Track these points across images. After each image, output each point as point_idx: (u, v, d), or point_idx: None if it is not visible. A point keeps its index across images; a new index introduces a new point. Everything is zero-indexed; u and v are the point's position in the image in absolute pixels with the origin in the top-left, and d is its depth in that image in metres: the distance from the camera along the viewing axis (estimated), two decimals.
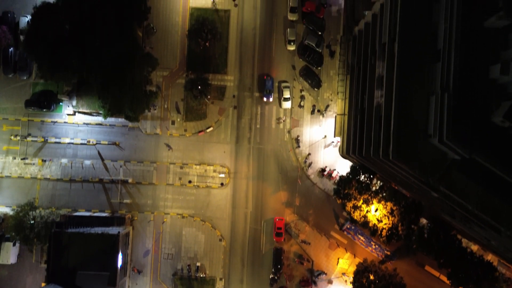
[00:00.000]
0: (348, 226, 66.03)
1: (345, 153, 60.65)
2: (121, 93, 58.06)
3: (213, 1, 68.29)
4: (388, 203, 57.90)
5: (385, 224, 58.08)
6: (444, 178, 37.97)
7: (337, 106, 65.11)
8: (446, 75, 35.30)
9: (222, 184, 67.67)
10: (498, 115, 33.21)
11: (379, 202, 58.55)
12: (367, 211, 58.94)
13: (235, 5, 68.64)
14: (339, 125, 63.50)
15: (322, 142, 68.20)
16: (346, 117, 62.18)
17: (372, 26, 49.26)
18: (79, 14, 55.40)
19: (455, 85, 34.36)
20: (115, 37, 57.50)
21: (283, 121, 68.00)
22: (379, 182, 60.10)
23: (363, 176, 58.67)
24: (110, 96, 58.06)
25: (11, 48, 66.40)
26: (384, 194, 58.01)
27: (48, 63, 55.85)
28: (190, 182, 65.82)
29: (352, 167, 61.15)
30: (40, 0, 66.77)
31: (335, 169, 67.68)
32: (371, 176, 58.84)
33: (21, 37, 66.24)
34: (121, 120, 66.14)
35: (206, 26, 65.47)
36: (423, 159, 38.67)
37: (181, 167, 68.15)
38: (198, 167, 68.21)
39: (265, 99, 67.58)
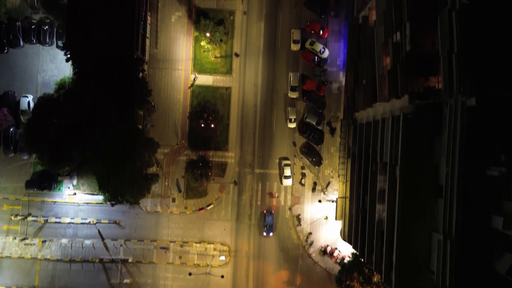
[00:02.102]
0: None
1: (347, 240, 60.39)
2: (122, 184, 57.96)
3: None
4: None
5: None
6: None
7: (338, 189, 65.03)
8: (448, 220, 35.24)
9: (223, 262, 67.48)
10: (502, 268, 33.13)
11: None
12: None
13: (236, 55, 68.47)
14: (340, 209, 63.28)
15: (323, 221, 68.06)
16: (347, 200, 62.03)
17: (373, 134, 49.25)
18: (80, 109, 55.39)
19: (457, 233, 34.30)
20: (116, 127, 57.54)
21: (277, 197, 67.94)
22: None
23: (366, 270, 58.37)
24: (111, 187, 57.95)
25: (12, 128, 66.40)
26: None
27: (49, 157, 55.78)
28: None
29: (354, 257, 60.87)
30: (40, 80, 68.17)
31: (336, 248, 67.49)
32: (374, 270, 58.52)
33: (22, 117, 66.47)
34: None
35: (207, 108, 65.58)
36: None
37: (181, 246, 67.92)
38: (198, 245, 67.99)
39: (265, 234, 67.16)
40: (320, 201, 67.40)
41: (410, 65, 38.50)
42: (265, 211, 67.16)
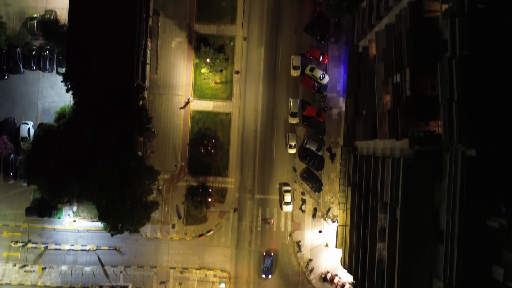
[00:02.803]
0: None
1: (347, 270, 60.33)
2: (122, 214, 57.88)
3: None
4: None
5: None
6: None
7: (339, 217, 64.97)
8: (449, 268, 35.17)
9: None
10: None
11: None
12: None
13: (237, 72, 68.47)
14: (341, 237, 63.26)
15: (323, 248, 67.95)
16: (348, 228, 61.96)
17: (374, 170, 49.22)
18: (80, 140, 55.37)
19: (458, 282, 34.22)
20: (116, 157, 57.50)
21: (272, 223, 67.83)
22: None
23: None
24: (111, 217, 57.86)
25: (12, 155, 66.36)
26: None
27: (49, 189, 55.75)
28: None
29: (354, 285, 60.72)
30: (40, 107, 68.17)
31: (336, 274, 67.35)
32: None
33: (22, 144, 66.46)
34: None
35: (207, 136, 65.60)
36: None
37: (181, 272, 67.80)
38: (198, 271, 67.88)
39: (264, 276, 66.80)
40: (320, 231, 67.28)
41: (410, 110, 38.52)
42: (264, 253, 66.77)
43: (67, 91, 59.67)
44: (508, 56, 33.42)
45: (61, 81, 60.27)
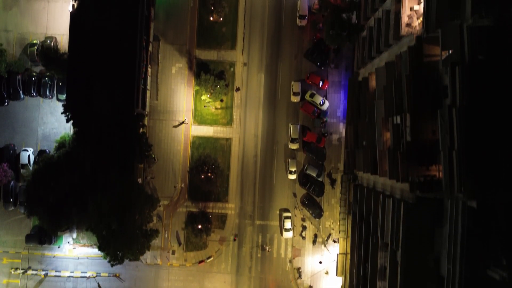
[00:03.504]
0: None
1: None
2: (122, 245, 57.79)
3: None
4: None
5: None
6: None
7: (339, 245, 64.88)
8: None
9: None
10: None
11: None
12: None
13: (237, 90, 68.49)
14: (341, 265, 63.15)
15: (323, 274, 67.84)
16: (349, 256, 61.87)
17: (374, 205, 49.18)
18: (80, 172, 55.36)
19: None
20: (116, 187, 57.45)
21: (268, 250, 67.70)
22: None
23: None
24: (112, 248, 57.77)
25: (12, 182, 66.27)
26: None
27: (49, 220, 55.72)
28: None
29: None
30: (40, 133, 68.12)
31: None
32: None
33: (22, 171, 66.41)
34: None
35: (207, 163, 65.58)
36: None
37: None
38: None
39: None
40: (321, 262, 67.16)
41: (411, 155, 38.48)
42: None
43: (67, 121, 59.66)
44: (509, 107, 33.38)
45: (61, 113, 60.21)
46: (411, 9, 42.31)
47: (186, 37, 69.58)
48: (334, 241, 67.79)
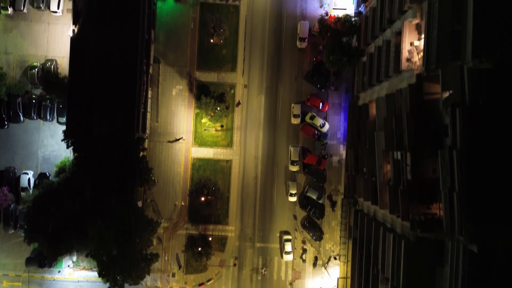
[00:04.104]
0: None
1: None
2: (122, 271, 57.70)
3: None
4: None
5: None
6: None
7: (339, 269, 64.75)
8: None
9: None
10: None
11: None
12: None
13: (238, 104, 68.37)
14: None
15: None
16: (349, 280, 61.72)
17: (375, 235, 49.08)
18: (80, 199, 55.34)
19: None
20: (117, 213, 57.39)
21: (264, 274, 67.53)
22: None
23: None
24: (112, 274, 57.66)
25: (12, 205, 66.21)
26: None
27: (49, 248, 55.67)
28: None
29: None
30: (40, 155, 68.07)
31: None
32: None
33: (22, 194, 66.35)
34: None
35: (207, 187, 65.53)
36: None
37: None
38: None
39: None
40: None
41: (411, 194, 38.40)
42: None
43: (68, 147, 59.65)
44: (511, 150, 33.34)
45: (62, 140, 60.23)
46: (411, 44, 42.30)
47: (186, 59, 69.63)
48: (335, 258, 67.72)
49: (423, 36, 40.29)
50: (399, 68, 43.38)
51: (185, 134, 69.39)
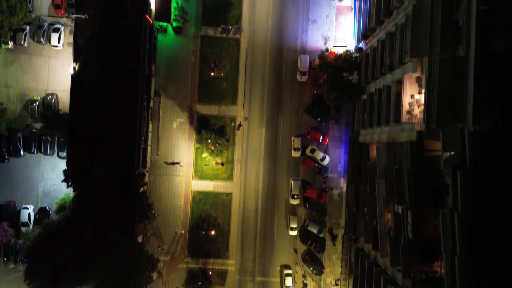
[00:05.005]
0: None
1: None
2: None
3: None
4: None
5: None
6: None
7: None
8: None
9: None
10: None
11: None
12: None
13: (239, 126, 68.26)
14: None
15: None
16: None
17: (375, 281, 48.86)
18: (81, 240, 55.24)
19: None
20: (117, 251, 57.28)
21: None
22: None
23: None
24: None
25: (12, 239, 66.09)
26: None
27: (49, 286, 55.58)
28: None
29: None
30: (41, 189, 67.99)
31: None
32: None
33: (22, 229, 66.20)
34: None
35: (207, 221, 65.42)
36: None
37: None
38: None
39: None
40: None
41: (412, 252, 38.22)
42: None
43: (68, 187, 59.59)
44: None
45: (62, 181, 60.21)
46: (411, 96, 42.24)
47: (187, 92, 69.65)
48: (336, 284, 67.53)
49: (423, 90, 40.21)
50: (400, 120, 43.29)
51: (185, 167, 69.30)
